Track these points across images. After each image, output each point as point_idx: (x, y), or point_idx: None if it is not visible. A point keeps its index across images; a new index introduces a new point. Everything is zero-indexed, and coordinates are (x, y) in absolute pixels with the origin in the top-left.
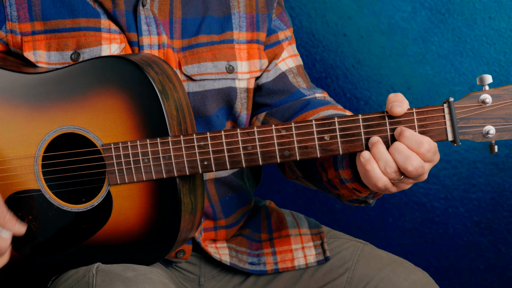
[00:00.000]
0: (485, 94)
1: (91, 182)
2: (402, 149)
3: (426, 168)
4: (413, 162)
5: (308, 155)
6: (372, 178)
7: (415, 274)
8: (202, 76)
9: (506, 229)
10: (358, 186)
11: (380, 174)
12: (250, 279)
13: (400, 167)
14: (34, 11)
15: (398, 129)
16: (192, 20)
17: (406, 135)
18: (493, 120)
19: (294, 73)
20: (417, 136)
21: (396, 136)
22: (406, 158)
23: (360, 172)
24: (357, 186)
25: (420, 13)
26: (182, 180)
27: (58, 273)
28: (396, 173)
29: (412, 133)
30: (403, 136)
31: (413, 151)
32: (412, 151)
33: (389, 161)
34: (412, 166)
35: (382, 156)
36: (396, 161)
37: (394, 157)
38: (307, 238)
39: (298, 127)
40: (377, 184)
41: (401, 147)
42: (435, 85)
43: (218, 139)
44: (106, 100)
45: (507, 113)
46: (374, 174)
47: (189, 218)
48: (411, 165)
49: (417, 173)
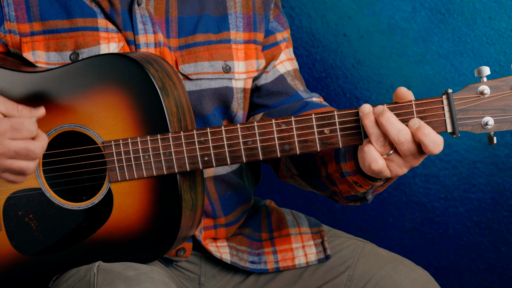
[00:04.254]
0: (483, 85)
1: (92, 179)
2: (394, 121)
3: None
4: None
5: (308, 149)
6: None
7: (415, 272)
8: (198, 75)
9: (506, 229)
10: (360, 179)
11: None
12: (251, 278)
13: (393, 139)
14: (32, 11)
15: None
16: (188, 19)
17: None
18: (491, 111)
19: (292, 76)
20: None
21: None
22: (398, 130)
23: (360, 158)
24: (359, 179)
25: (420, 13)
26: (182, 176)
27: (59, 272)
28: (384, 146)
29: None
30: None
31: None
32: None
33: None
34: (403, 138)
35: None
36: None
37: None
38: (308, 237)
39: (298, 121)
40: (372, 165)
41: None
42: (435, 85)
43: (218, 135)
44: (106, 97)
45: (506, 104)
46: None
47: (190, 215)
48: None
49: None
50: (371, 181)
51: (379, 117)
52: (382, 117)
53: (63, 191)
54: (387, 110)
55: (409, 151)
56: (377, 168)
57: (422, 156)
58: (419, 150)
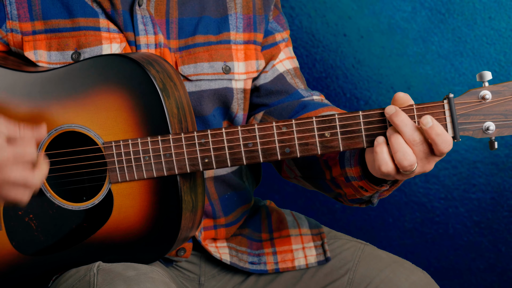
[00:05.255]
0: (485, 90)
1: (92, 180)
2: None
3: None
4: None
5: (308, 152)
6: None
7: (415, 275)
8: (198, 76)
9: (506, 229)
10: (366, 184)
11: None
12: (251, 279)
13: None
14: (35, 10)
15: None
16: (188, 20)
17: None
18: (493, 116)
19: (292, 74)
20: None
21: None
22: (413, 131)
23: (369, 159)
24: (365, 184)
25: (420, 13)
26: (183, 178)
27: (59, 272)
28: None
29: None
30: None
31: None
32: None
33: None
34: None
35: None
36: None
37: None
38: (308, 238)
39: (298, 124)
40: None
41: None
42: (435, 85)
43: (219, 136)
44: (107, 98)
45: (507, 109)
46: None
47: (190, 216)
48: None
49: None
50: (377, 186)
51: (393, 117)
52: (396, 117)
53: (63, 192)
54: (400, 111)
55: (423, 153)
56: (386, 171)
57: (433, 158)
58: (431, 151)
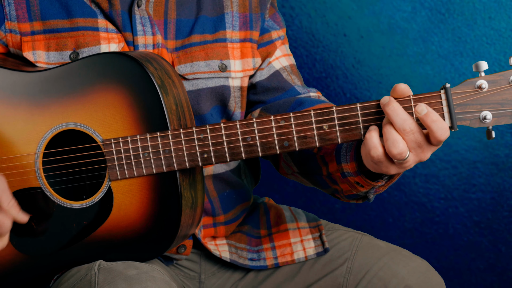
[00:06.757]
0: (481, 80)
1: (92, 178)
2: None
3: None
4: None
5: (307, 145)
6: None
7: (414, 262)
8: (194, 75)
9: (506, 229)
10: (362, 179)
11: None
12: (250, 274)
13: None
14: (33, 11)
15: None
16: (186, 21)
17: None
18: (489, 105)
19: (288, 71)
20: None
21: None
22: (403, 120)
23: (362, 149)
24: (361, 180)
25: (420, 13)
26: (182, 174)
27: (60, 271)
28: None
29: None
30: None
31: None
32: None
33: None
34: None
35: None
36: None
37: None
38: (306, 231)
39: (296, 117)
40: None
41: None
42: (435, 85)
43: (218, 131)
44: (106, 96)
45: (504, 98)
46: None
47: (190, 213)
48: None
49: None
50: (373, 181)
51: (385, 107)
52: (388, 107)
53: (63, 190)
54: (393, 100)
55: (415, 143)
56: (376, 155)
57: (429, 147)
58: (427, 140)
